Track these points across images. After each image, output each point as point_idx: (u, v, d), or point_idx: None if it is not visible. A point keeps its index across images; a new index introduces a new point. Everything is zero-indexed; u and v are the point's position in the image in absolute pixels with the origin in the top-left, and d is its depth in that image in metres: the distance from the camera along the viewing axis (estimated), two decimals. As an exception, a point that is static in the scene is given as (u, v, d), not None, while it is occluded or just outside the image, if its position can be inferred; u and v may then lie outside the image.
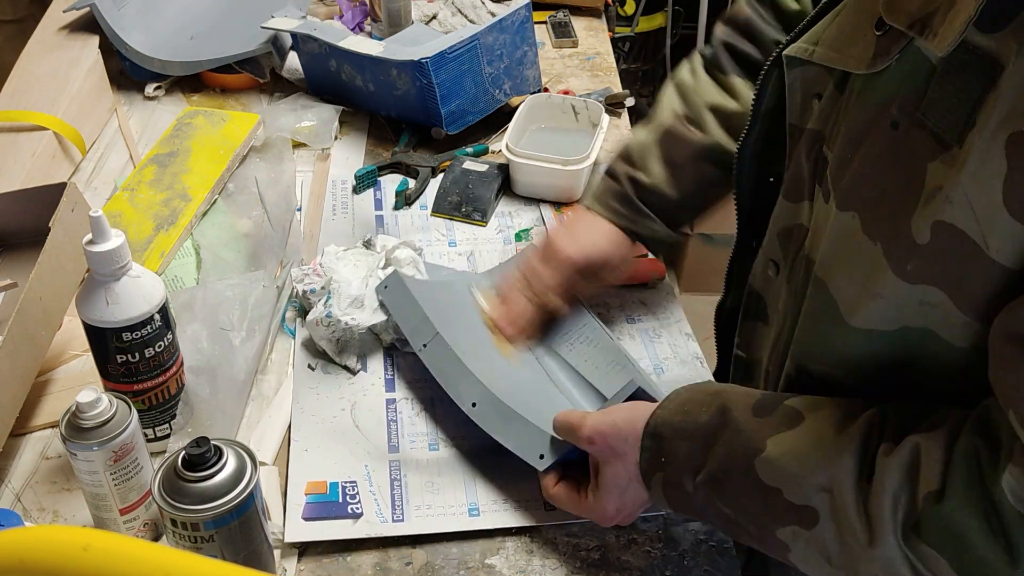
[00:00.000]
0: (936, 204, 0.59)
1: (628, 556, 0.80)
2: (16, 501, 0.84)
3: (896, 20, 0.62)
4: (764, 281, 0.83)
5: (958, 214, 0.58)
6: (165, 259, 1.07)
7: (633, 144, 1.00)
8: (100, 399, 0.73)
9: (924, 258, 0.61)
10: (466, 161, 1.23)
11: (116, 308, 0.78)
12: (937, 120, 0.60)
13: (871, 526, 0.62)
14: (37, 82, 1.30)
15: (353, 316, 0.95)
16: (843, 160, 0.68)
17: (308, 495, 0.83)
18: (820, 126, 0.72)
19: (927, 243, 0.60)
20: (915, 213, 0.60)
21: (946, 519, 0.59)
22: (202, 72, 1.42)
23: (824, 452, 0.65)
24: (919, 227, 0.60)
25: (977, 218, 0.57)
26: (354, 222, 1.18)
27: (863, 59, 0.66)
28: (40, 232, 0.86)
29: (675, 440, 0.73)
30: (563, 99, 1.29)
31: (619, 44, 2.69)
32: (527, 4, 1.30)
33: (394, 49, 1.26)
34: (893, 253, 0.63)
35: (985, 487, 0.58)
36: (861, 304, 0.66)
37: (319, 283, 0.99)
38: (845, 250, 0.68)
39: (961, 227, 0.58)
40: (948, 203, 0.58)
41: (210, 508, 0.68)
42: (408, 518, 0.82)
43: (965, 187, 0.57)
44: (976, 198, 0.57)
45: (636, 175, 0.97)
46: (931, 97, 0.60)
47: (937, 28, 0.59)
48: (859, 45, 0.67)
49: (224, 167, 1.20)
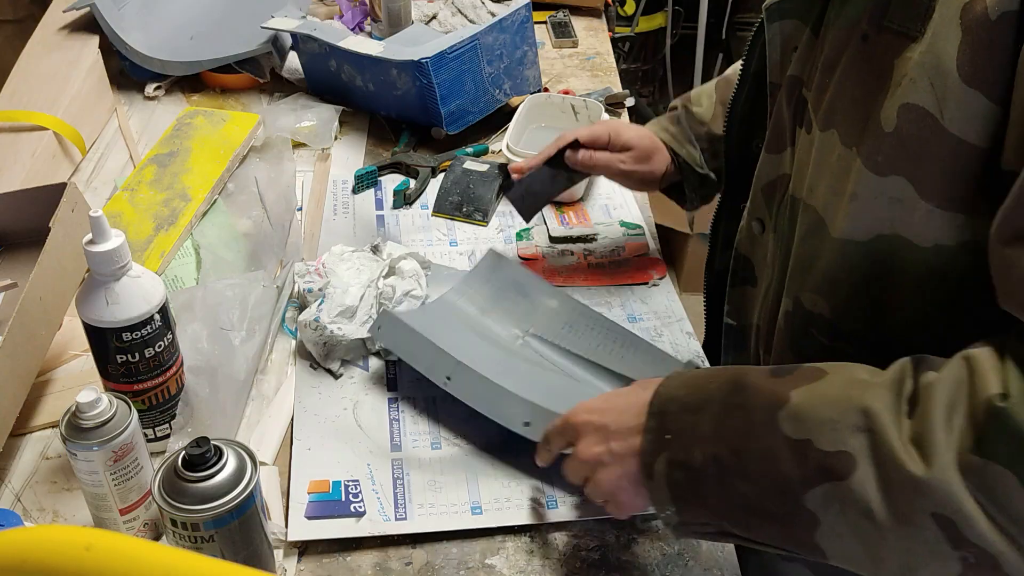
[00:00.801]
0: (902, 88, 0.62)
1: (628, 556, 0.80)
2: (16, 501, 0.83)
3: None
4: (750, 241, 0.86)
5: (920, 92, 0.61)
6: (165, 259, 1.07)
7: (697, 89, 1.11)
8: (100, 399, 0.73)
9: (891, 145, 0.63)
10: (466, 161, 1.23)
11: (116, 308, 0.77)
12: (901, 20, 0.63)
13: (923, 454, 0.55)
14: (37, 82, 1.30)
15: (340, 326, 0.95)
16: (821, 87, 0.72)
17: (311, 494, 0.83)
18: (799, 72, 0.76)
19: (893, 129, 0.63)
20: (884, 104, 0.64)
21: (1013, 420, 0.53)
22: (202, 72, 1.42)
23: (858, 391, 0.60)
24: (887, 115, 0.63)
25: (935, 91, 0.60)
26: (355, 222, 1.18)
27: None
28: (40, 232, 0.86)
29: (682, 414, 0.66)
30: (563, 99, 1.29)
31: (619, 44, 2.69)
32: (527, 4, 1.30)
33: (394, 49, 1.26)
34: (864, 149, 0.66)
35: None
36: (840, 209, 0.69)
37: (319, 283, 0.99)
38: (827, 166, 0.71)
39: (921, 104, 0.61)
40: (912, 84, 0.61)
41: (210, 508, 0.68)
42: (411, 516, 0.82)
43: (925, 64, 0.60)
44: (933, 72, 0.60)
45: (690, 106, 1.08)
46: (894, 3, 0.64)
47: None
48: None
49: (224, 167, 1.20)
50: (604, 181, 1.25)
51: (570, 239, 1.15)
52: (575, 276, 1.10)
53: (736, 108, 0.90)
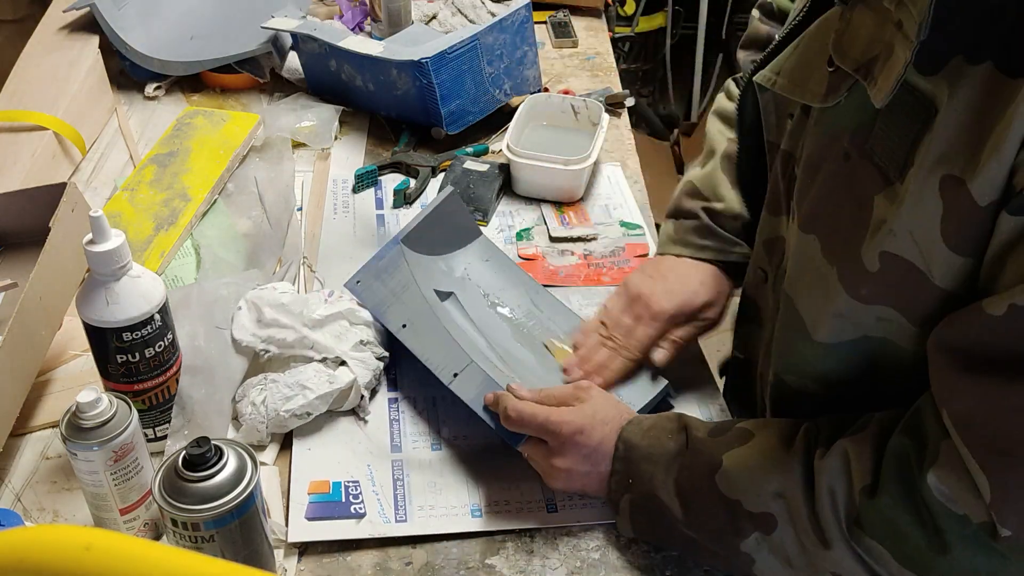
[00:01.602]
0: (882, 236, 0.63)
1: (628, 556, 0.80)
2: (16, 501, 0.83)
3: (843, 62, 0.66)
4: (756, 288, 0.87)
5: (902, 245, 0.62)
6: (165, 259, 1.07)
7: (697, 180, 0.98)
8: (100, 399, 0.73)
9: (876, 284, 0.65)
10: (467, 161, 1.23)
11: (116, 308, 0.77)
12: (881, 156, 0.64)
13: (822, 529, 0.67)
14: (37, 82, 1.30)
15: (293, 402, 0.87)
16: (804, 184, 0.72)
17: (311, 495, 0.83)
18: (791, 147, 0.76)
19: (877, 271, 0.65)
20: (864, 243, 0.65)
21: (881, 512, 0.64)
22: (202, 72, 1.42)
23: (774, 462, 0.71)
24: (869, 256, 0.65)
25: (920, 250, 0.62)
26: (355, 222, 1.18)
27: (817, 93, 0.70)
28: (40, 232, 0.86)
29: (642, 463, 0.77)
30: (563, 99, 1.29)
31: (619, 44, 2.69)
32: (527, 4, 1.30)
33: (394, 49, 1.26)
34: (847, 278, 0.67)
35: (913, 482, 0.63)
36: (823, 322, 0.71)
37: (290, 337, 0.90)
38: (807, 271, 0.72)
39: (907, 257, 0.63)
40: (892, 235, 0.63)
41: (210, 508, 0.68)
42: (411, 518, 0.82)
43: (906, 222, 0.62)
44: (917, 233, 0.61)
45: (712, 205, 0.95)
46: (877, 132, 0.64)
47: (877, 76, 0.62)
48: (814, 79, 0.70)
49: (224, 167, 1.20)
50: (604, 181, 1.25)
51: (570, 239, 1.15)
52: (575, 276, 1.10)
53: (743, 163, 0.89)
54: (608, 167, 1.27)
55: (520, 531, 0.82)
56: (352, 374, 0.89)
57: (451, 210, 1.02)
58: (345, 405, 0.90)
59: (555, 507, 0.83)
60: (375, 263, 0.97)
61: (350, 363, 0.90)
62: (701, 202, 0.96)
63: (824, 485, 0.67)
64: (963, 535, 0.61)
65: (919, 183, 0.60)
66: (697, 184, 0.98)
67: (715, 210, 0.95)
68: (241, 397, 0.88)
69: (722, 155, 0.97)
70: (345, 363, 0.90)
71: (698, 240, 0.95)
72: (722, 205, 0.95)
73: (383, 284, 0.96)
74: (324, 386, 0.87)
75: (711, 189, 0.96)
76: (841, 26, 0.66)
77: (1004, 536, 0.59)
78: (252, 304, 0.92)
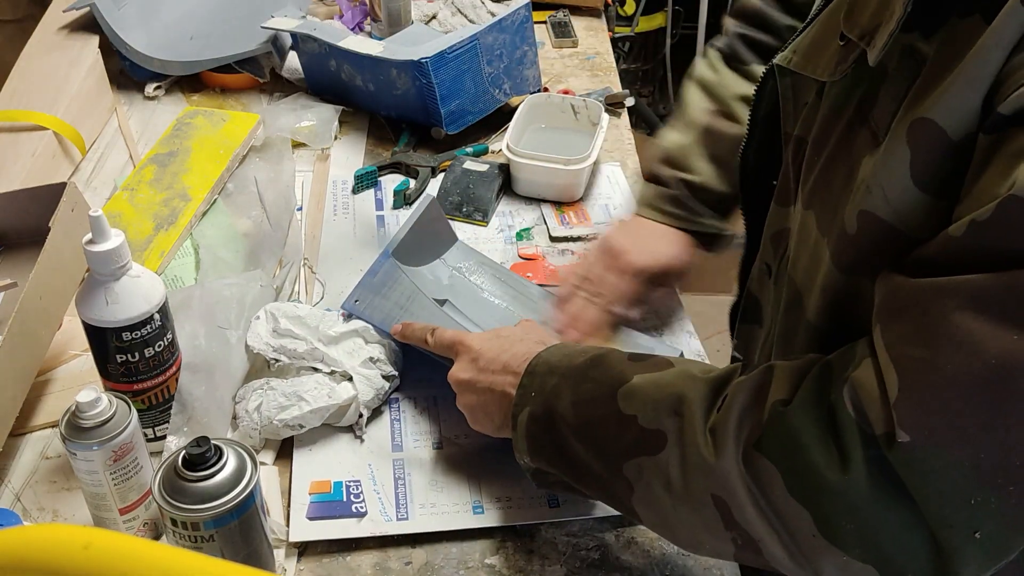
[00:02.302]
0: (860, 194, 0.62)
1: (628, 556, 0.80)
2: (16, 501, 0.83)
3: (851, 31, 0.65)
4: (760, 284, 0.85)
5: (876, 202, 0.61)
6: (165, 259, 1.07)
7: (672, 147, 1.00)
8: (100, 399, 0.73)
9: (854, 249, 0.64)
10: (466, 161, 1.23)
11: (116, 308, 0.78)
12: (876, 120, 0.63)
13: (715, 443, 0.63)
14: (37, 82, 1.30)
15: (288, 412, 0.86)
16: (810, 163, 0.72)
17: (312, 495, 0.83)
18: (803, 132, 0.75)
19: (855, 232, 0.63)
20: (847, 205, 0.64)
21: (787, 423, 0.60)
22: (202, 72, 1.42)
23: (683, 382, 0.68)
24: (849, 218, 0.63)
25: (891, 206, 0.60)
26: (355, 222, 1.18)
27: (828, 67, 0.69)
28: (40, 232, 0.86)
29: (547, 376, 0.75)
30: (563, 99, 1.29)
31: (619, 44, 2.69)
32: (527, 4, 1.30)
33: (394, 49, 1.26)
34: (834, 247, 0.66)
35: (828, 394, 0.60)
36: (816, 299, 0.70)
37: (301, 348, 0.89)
38: (805, 248, 0.71)
39: (880, 215, 0.61)
40: (868, 192, 0.61)
41: (210, 508, 0.68)
42: (412, 516, 0.82)
43: (880, 176, 0.60)
44: (888, 184, 0.60)
45: (685, 176, 0.98)
46: (880, 99, 0.64)
47: (876, 40, 0.62)
48: (826, 54, 0.70)
49: (224, 167, 1.20)
50: (604, 181, 1.25)
51: (570, 239, 1.15)
52: (575, 276, 1.10)
53: (748, 156, 0.87)
54: (608, 167, 1.27)
55: (520, 531, 0.82)
56: (353, 390, 0.88)
57: (433, 217, 1.02)
58: (343, 421, 0.88)
59: (557, 502, 0.83)
60: (370, 279, 0.96)
61: (356, 379, 0.89)
62: (677, 172, 0.98)
63: (737, 402, 0.63)
64: (866, 456, 0.57)
65: (893, 135, 0.60)
66: (673, 153, 1.00)
67: (690, 182, 0.98)
68: (240, 399, 0.88)
69: (702, 128, 0.99)
70: (351, 379, 0.89)
71: (670, 208, 0.99)
72: (698, 179, 0.98)
73: (385, 298, 0.95)
74: (322, 399, 0.86)
75: (687, 160, 0.98)
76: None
77: (901, 443, 0.55)
78: (270, 314, 0.92)
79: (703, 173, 0.97)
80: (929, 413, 0.54)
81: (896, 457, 0.55)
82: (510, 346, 0.81)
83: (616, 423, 0.68)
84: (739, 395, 0.64)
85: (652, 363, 0.72)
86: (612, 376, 0.71)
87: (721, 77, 1.00)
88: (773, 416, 0.61)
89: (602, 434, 0.70)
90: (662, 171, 1.00)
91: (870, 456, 0.56)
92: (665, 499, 0.65)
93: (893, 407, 0.55)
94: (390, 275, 0.97)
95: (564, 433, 0.72)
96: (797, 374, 0.63)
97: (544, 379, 0.75)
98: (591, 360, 0.74)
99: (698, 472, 0.63)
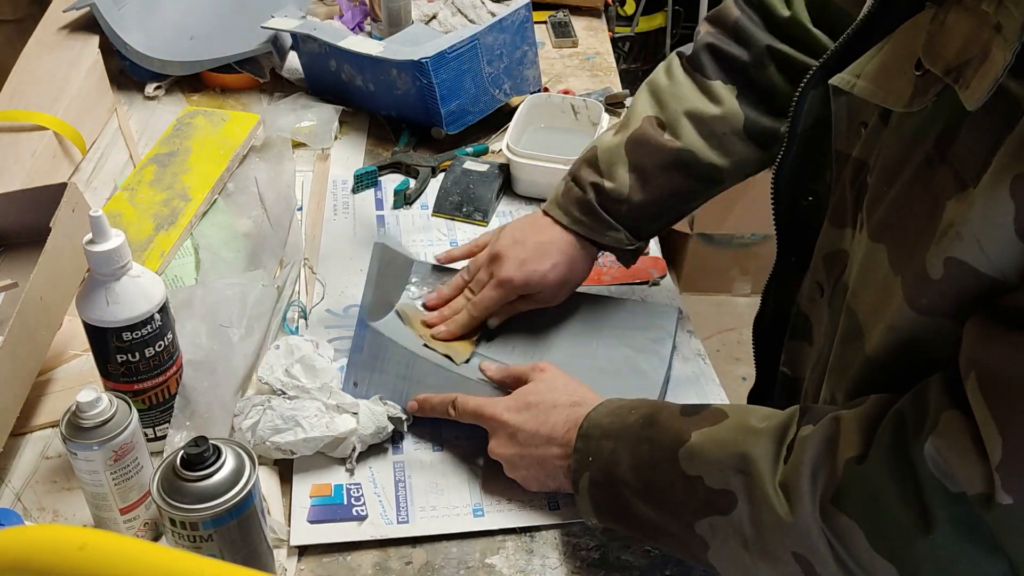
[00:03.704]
0: (948, 240, 0.59)
1: (628, 556, 0.80)
2: (16, 500, 0.84)
3: (933, 65, 0.62)
4: (810, 302, 0.82)
5: (968, 250, 0.58)
6: (165, 259, 1.07)
7: (600, 148, 0.96)
8: (100, 399, 0.73)
9: (936, 292, 0.61)
10: (467, 161, 1.23)
11: (116, 308, 0.78)
12: (961, 159, 0.60)
13: (789, 499, 0.63)
14: (37, 82, 1.30)
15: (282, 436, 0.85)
16: (878, 192, 0.69)
17: (313, 498, 0.83)
18: (864, 155, 0.72)
19: (940, 277, 0.60)
20: (930, 248, 0.61)
21: (865, 481, 0.60)
22: (202, 72, 1.42)
23: (743, 438, 0.67)
24: (932, 262, 0.61)
25: (987, 256, 0.58)
26: (355, 222, 1.18)
27: (902, 97, 0.66)
28: (40, 232, 0.86)
29: (602, 440, 0.75)
30: (563, 99, 1.29)
31: (619, 44, 2.69)
32: (527, 4, 1.30)
33: (394, 49, 1.26)
34: (909, 287, 0.63)
35: (907, 451, 0.59)
36: (880, 335, 0.67)
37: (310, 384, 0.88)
38: (872, 281, 0.68)
39: (972, 263, 0.58)
40: (959, 239, 0.59)
41: (209, 507, 0.68)
42: (413, 519, 0.82)
43: (974, 225, 0.58)
44: (985, 236, 0.57)
45: (601, 182, 0.94)
46: (962, 137, 0.61)
47: (970, 80, 0.59)
48: (899, 82, 0.66)
49: (224, 167, 1.20)
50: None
51: (570, 239, 1.15)
52: (575, 276, 1.10)
53: (783, 170, 0.84)
54: (608, 167, 1.27)
55: (520, 531, 0.82)
56: (354, 423, 0.85)
57: (387, 260, 0.97)
58: (336, 452, 0.86)
59: (557, 504, 0.83)
60: (358, 357, 0.92)
61: (361, 410, 0.86)
62: (595, 176, 0.95)
63: (807, 456, 0.63)
64: (952, 514, 0.57)
65: (991, 185, 0.57)
66: (599, 155, 0.96)
67: (603, 188, 0.94)
68: (239, 412, 0.86)
69: (634, 135, 0.95)
70: (354, 413, 0.86)
71: (576, 213, 0.96)
72: (613, 186, 0.94)
73: (383, 373, 0.91)
74: (320, 428, 0.83)
75: (608, 165, 0.95)
76: (933, 28, 0.63)
77: (1003, 504, 0.55)
78: (289, 350, 0.89)
79: (620, 182, 0.94)
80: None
81: (995, 517, 0.56)
82: (546, 416, 0.81)
83: (682, 486, 0.69)
84: (808, 450, 0.63)
85: (706, 416, 0.71)
86: (670, 437, 0.71)
87: (675, 86, 0.95)
88: (849, 473, 0.61)
89: (669, 497, 0.70)
90: (581, 172, 0.97)
91: (956, 514, 0.57)
92: (744, 555, 0.66)
93: (996, 469, 0.55)
94: (376, 346, 0.92)
95: (629, 497, 0.72)
96: (867, 426, 0.63)
97: (600, 443, 0.75)
98: (644, 420, 0.74)
99: (775, 530, 0.64)
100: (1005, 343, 0.57)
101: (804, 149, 0.82)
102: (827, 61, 0.76)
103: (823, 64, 0.76)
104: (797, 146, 0.82)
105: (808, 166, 0.82)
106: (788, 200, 0.86)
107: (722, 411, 0.71)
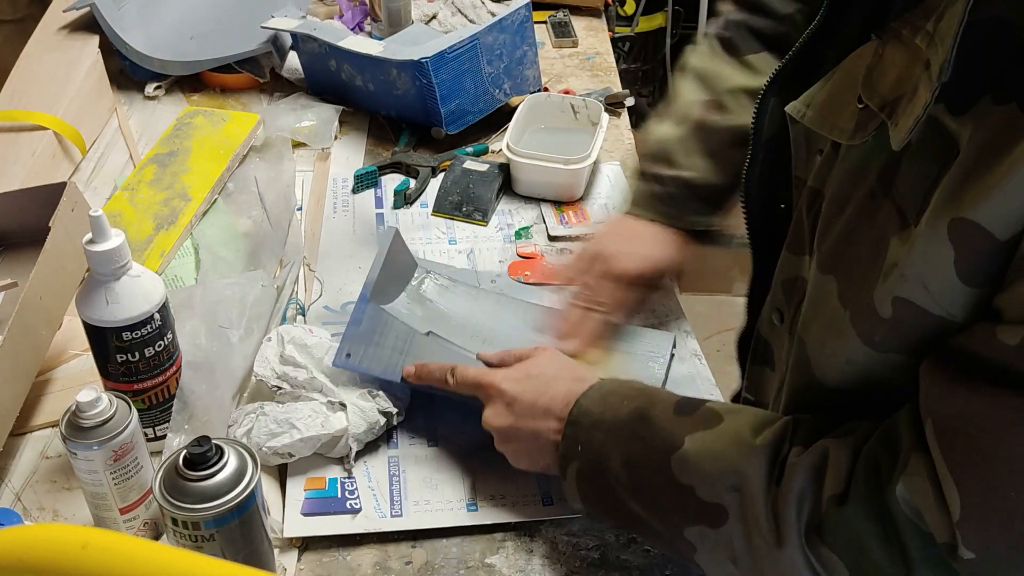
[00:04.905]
0: (893, 280, 0.60)
1: (628, 555, 0.80)
2: (16, 500, 0.84)
3: (870, 99, 0.63)
4: (770, 328, 0.83)
5: (914, 291, 0.59)
6: (165, 259, 1.07)
7: (666, 141, 0.97)
8: (100, 398, 0.73)
9: (889, 330, 0.62)
10: (467, 161, 1.23)
11: (116, 307, 0.78)
12: (902, 196, 0.61)
13: (778, 527, 0.63)
14: (37, 82, 1.30)
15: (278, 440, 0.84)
16: (828, 222, 0.69)
17: (307, 491, 0.83)
18: (818, 184, 0.72)
19: (890, 317, 0.61)
20: (877, 287, 0.62)
21: (846, 523, 0.61)
22: (202, 72, 1.42)
23: (738, 452, 0.67)
24: (880, 301, 0.61)
25: (932, 297, 0.58)
26: (355, 221, 1.18)
27: (846, 130, 0.66)
28: (40, 232, 0.86)
29: (592, 430, 0.74)
30: (563, 99, 1.29)
31: (619, 44, 2.69)
32: (527, 4, 1.30)
33: (394, 49, 1.26)
34: (860, 323, 0.64)
35: (881, 494, 0.60)
36: (834, 368, 0.68)
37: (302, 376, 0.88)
38: (821, 313, 0.69)
39: (919, 304, 0.59)
40: (904, 280, 0.59)
41: (211, 507, 0.68)
42: (407, 513, 0.82)
43: (918, 268, 0.58)
44: (929, 279, 0.58)
45: (681, 174, 0.95)
46: (903, 172, 0.61)
47: (899, 118, 0.60)
48: (844, 115, 0.67)
49: (224, 167, 1.20)
50: (604, 181, 1.25)
51: (569, 238, 1.15)
52: (575, 275, 1.10)
53: (752, 179, 0.85)
54: (608, 167, 1.28)
55: (520, 531, 0.82)
56: (346, 422, 0.85)
57: (398, 249, 0.98)
58: (334, 452, 0.86)
59: (551, 500, 0.83)
60: (355, 329, 0.90)
61: (349, 409, 0.86)
62: (670, 170, 0.96)
63: (795, 484, 0.63)
64: (926, 555, 0.58)
65: (930, 227, 0.57)
66: (669, 148, 0.96)
67: (686, 179, 0.95)
68: (233, 422, 0.85)
69: (696, 122, 0.96)
70: (344, 406, 0.86)
71: (662, 207, 0.96)
72: (696, 175, 0.95)
73: (380, 347, 0.91)
74: (315, 428, 0.83)
75: (682, 156, 0.95)
76: (873, 61, 0.63)
77: (966, 559, 0.56)
78: (280, 338, 0.90)
79: (700, 169, 0.95)
80: (995, 538, 0.55)
81: (962, 567, 0.57)
82: (546, 388, 0.79)
83: (673, 492, 0.69)
84: (796, 476, 0.64)
85: (700, 418, 0.71)
86: (662, 439, 0.71)
87: (717, 67, 0.96)
88: (831, 514, 0.62)
89: (659, 501, 0.70)
90: (655, 168, 0.97)
91: (931, 555, 0.58)
92: (731, 568, 0.67)
93: (956, 526, 0.56)
94: (377, 320, 0.92)
95: (618, 492, 0.72)
96: (849, 460, 0.63)
97: (589, 433, 0.74)
98: (637, 415, 0.73)
99: (763, 556, 0.64)
100: (956, 393, 0.57)
101: (770, 155, 0.82)
102: (779, 74, 0.78)
103: (776, 76, 0.78)
104: (764, 152, 0.83)
105: (777, 174, 0.81)
106: (761, 209, 0.86)
107: (716, 413, 0.71)
